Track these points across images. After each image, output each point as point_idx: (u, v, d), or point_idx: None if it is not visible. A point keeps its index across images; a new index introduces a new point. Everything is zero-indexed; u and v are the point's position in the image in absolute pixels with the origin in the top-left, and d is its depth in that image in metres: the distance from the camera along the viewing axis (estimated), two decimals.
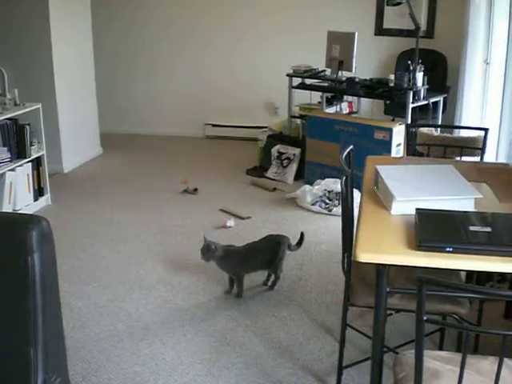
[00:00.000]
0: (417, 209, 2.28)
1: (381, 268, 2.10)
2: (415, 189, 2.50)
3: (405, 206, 2.35)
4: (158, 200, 5.41)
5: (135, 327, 3.37)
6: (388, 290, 2.17)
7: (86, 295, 3.72)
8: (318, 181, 5.30)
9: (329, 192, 5.10)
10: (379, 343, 2.30)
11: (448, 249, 2.01)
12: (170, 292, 3.76)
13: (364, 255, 2.03)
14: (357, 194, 2.99)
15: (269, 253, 3.75)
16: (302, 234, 3.94)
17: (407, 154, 4.09)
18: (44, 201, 5.34)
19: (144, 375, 2.95)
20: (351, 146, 2.87)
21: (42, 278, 2.37)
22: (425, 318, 1.59)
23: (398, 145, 5.20)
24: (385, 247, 2.10)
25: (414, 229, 2.18)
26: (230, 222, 4.74)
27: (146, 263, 4.16)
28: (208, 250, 3.59)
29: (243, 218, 4.91)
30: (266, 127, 6.67)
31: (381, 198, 2.54)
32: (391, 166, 2.79)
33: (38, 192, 5.29)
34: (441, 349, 3.00)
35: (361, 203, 2.55)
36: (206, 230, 4.67)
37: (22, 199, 5.03)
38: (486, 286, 3.00)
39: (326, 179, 5.24)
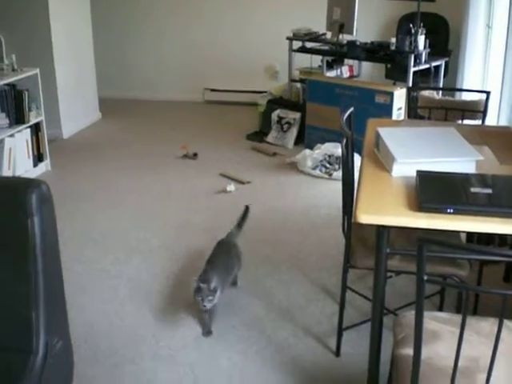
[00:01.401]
0: (417, 171, 2.26)
1: (381, 229, 2.10)
2: (416, 151, 2.48)
3: (406, 168, 2.34)
4: (157, 165, 5.40)
5: (137, 291, 3.39)
6: (388, 251, 2.17)
7: (86, 259, 3.73)
8: (319, 145, 5.28)
9: (329, 156, 5.08)
10: (379, 305, 2.31)
11: (449, 210, 2.00)
12: (171, 257, 3.77)
13: (364, 216, 2.03)
14: (357, 158, 2.97)
15: (233, 257, 3.33)
16: (246, 208, 3.57)
17: (408, 118, 4.07)
18: (43, 166, 5.33)
19: (146, 338, 2.98)
20: (352, 109, 2.84)
21: (42, 240, 2.38)
22: (425, 278, 1.58)
23: (399, 109, 5.17)
24: (385, 209, 2.09)
25: (415, 190, 2.17)
26: (230, 187, 4.74)
27: (146, 228, 4.17)
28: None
29: (243, 183, 4.90)
30: (265, 92, 6.62)
31: (381, 160, 2.52)
32: (392, 129, 2.77)
33: (38, 158, 5.28)
34: (440, 311, 3.02)
35: (361, 165, 2.54)
36: (206, 195, 4.68)
37: (21, 165, 5.02)
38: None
39: (327, 143, 5.22)
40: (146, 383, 2.66)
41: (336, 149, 5.04)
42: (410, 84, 5.22)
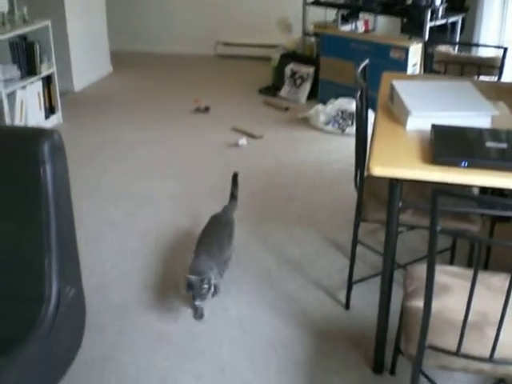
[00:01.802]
0: (432, 125, 2.24)
1: (394, 182, 2.09)
2: (431, 104, 2.45)
3: (420, 121, 2.32)
4: (168, 119, 5.37)
5: (147, 242, 3.41)
6: (400, 204, 2.16)
7: (98, 211, 3.75)
8: (332, 100, 5.23)
9: (342, 112, 5.04)
10: (390, 258, 2.31)
11: (463, 164, 1.99)
12: (181, 208, 3.78)
13: (378, 169, 2.02)
14: (371, 115, 2.94)
15: (226, 237, 3.03)
16: (234, 176, 3.31)
17: (424, 73, 4.01)
18: (55, 119, 5.32)
19: (156, 289, 3.01)
20: (367, 61, 2.80)
21: (54, 189, 2.39)
22: (439, 229, 1.58)
23: (414, 64, 5.10)
24: (399, 161, 2.08)
25: (429, 144, 2.15)
26: (242, 141, 4.72)
27: (157, 180, 4.18)
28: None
29: (255, 137, 4.88)
30: (279, 46, 6.53)
31: (396, 114, 2.49)
32: (407, 82, 2.73)
33: (49, 110, 5.27)
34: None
35: (375, 119, 2.51)
36: (218, 149, 4.66)
37: (33, 117, 5.02)
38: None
39: (340, 99, 5.17)
40: (156, 334, 2.69)
41: (349, 104, 4.99)
42: (426, 39, 5.13)
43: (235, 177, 3.30)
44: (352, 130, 4.74)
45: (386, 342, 2.42)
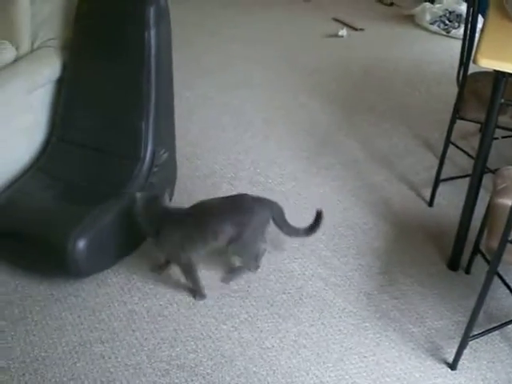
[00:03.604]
0: None
1: (500, 76, 2.03)
2: None
3: None
4: (269, 5, 5.29)
5: (240, 120, 3.48)
6: (503, 101, 2.11)
7: (196, 86, 3.82)
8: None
9: (450, 12, 4.81)
10: (483, 158, 2.28)
11: None
12: (276, 91, 3.81)
13: (484, 60, 1.95)
14: (480, 20, 2.82)
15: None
16: (318, 215, 2.44)
17: None
18: None
19: (246, 163, 3.10)
20: None
21: (157, 53, 2.45)
22: None
23: None
24: (507, 56, 2.00)
25: None
26: (343, 32, 4.62)
27: (254, 62, 4.19)
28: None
29: (356, 30, 4.76)
30: None
31: (510, 12, 2.38)
32: None
33: None
34: None
35: (487, 15, 2.41)
36: (317, 37, 4.60)
37: None
38: None
39: None
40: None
41: (458, 5, 4.76)
42: None
43: (318, 215, 2.45)
44: (458, 32, 4.54)
45: (465, 240, 2.43)
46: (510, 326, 2.21)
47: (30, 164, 2.61)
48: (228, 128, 3.40)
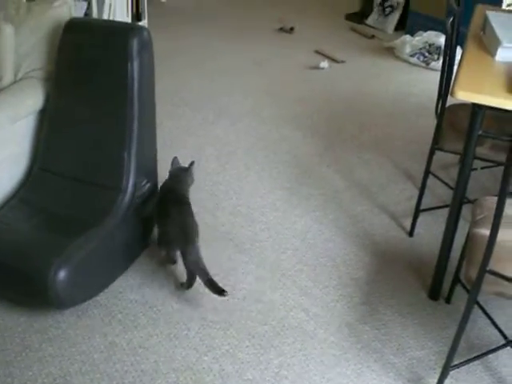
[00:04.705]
0: None
1: (476, 109, 2.07)
2: None
3: (511, 52, 2.26)
4: (252, 35, 5.35)
5: (223, 151, 3.50)
6: (480, 133, 2.15)
7: (177, 117, 3.84)
8: (420, 32, 5.08)
9: (429, 45, 4.90)
10: (461, 188, 2.31)
11: None
12: (259, 122, 3.84)
13: (462, 93, 2.00)
14: (459, 51, 2.88)
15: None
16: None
17: None
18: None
19: (228, 194, 3.11)
20: None
21: (140, 85, 2.47)
22: None
23: (510, 4, 4.88)
24: (484, 89, 2.06)
25: None
26: (324, 64, 4.68)
27: (237, 93, 4.22)
28: None
29: (337, 62, 4.83)
30: None
31: (486, 44, 2.44)
32: (502, 13, 2.67)
33: (136, 17, 5.32)
34: None
35: (464, 47, 2.47)
36: (299, 69, 4.65)
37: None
38: None
39: (429, 31, 5.01)
40: (224, 234, 2.80)
41: (438, 38, 4.84)
42: None
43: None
44: (437, 64, 4.62)
45: (445, 270, 2.46)
46: (490, 356, 2.22)
47: (12, 194, 2.60)
48: (211, 158, 3.41)
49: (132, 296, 2.45)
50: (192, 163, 2.68)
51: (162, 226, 2.58)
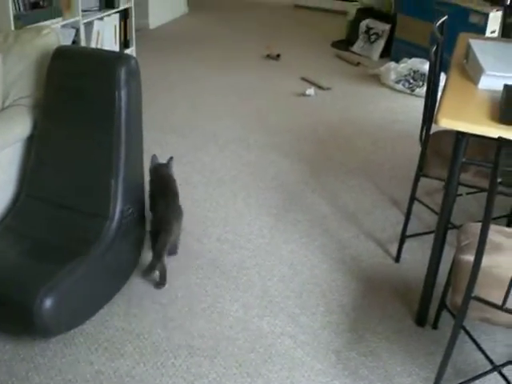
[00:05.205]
0: (505, 85, 2.22)
1: (460, 137, 2.10)
2: (507, 64, 2.43)
3: (493, 81, 2.30)
4: (239, 62, 5.42)
5: (210, 177, 3.52)
6: (464, 160, 2.17)
7: (164, 143, 3.86)
8: (405, 59, 5.16)
9: (414, 72, 4.97)
10: (446, 214, 2.33)
11: None
12: (246, 149, 3.87)
13: (445, 120, 2.03)
14: (442, 77, 2.92)
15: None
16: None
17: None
18: (129, 53, 5.42)
19: (215, 220, 3.11)
20: (446, 17, 2.78)
21: (127, 113, 2.49)
22: (499, 180, 1.59)
23: (493, 32, 4.97)
24: (467, 116, 2.08)
25: (499, 103, 2.14)
26: (310, 91, 4.73)
27: (224, 120, 4.26)
28: None
29: (323, 89, 4.88)
30: (356, 0, 6.44)
31: (469, 72, 2.48)
32: (485, 42, 2.70)
33: (124, 44, 5.36)
34: None
35: (448, 75, 2.51)
36: (285, 96, 4.70)
37: (108, 49, 5.12)
38: None
39: (413, 58, 5.09)
40: (211, 261, 2.80)
41: (422, 65, 4.92)
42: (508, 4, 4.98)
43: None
44: (422, 91, 4.69)
45: (432, 296, 2.47)
46: (477, 382, 2.22)
47: None
48: (198, 185, 3.43)
49: (119, 324, 2.43)
50: (171, 158, 2.91)
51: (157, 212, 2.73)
